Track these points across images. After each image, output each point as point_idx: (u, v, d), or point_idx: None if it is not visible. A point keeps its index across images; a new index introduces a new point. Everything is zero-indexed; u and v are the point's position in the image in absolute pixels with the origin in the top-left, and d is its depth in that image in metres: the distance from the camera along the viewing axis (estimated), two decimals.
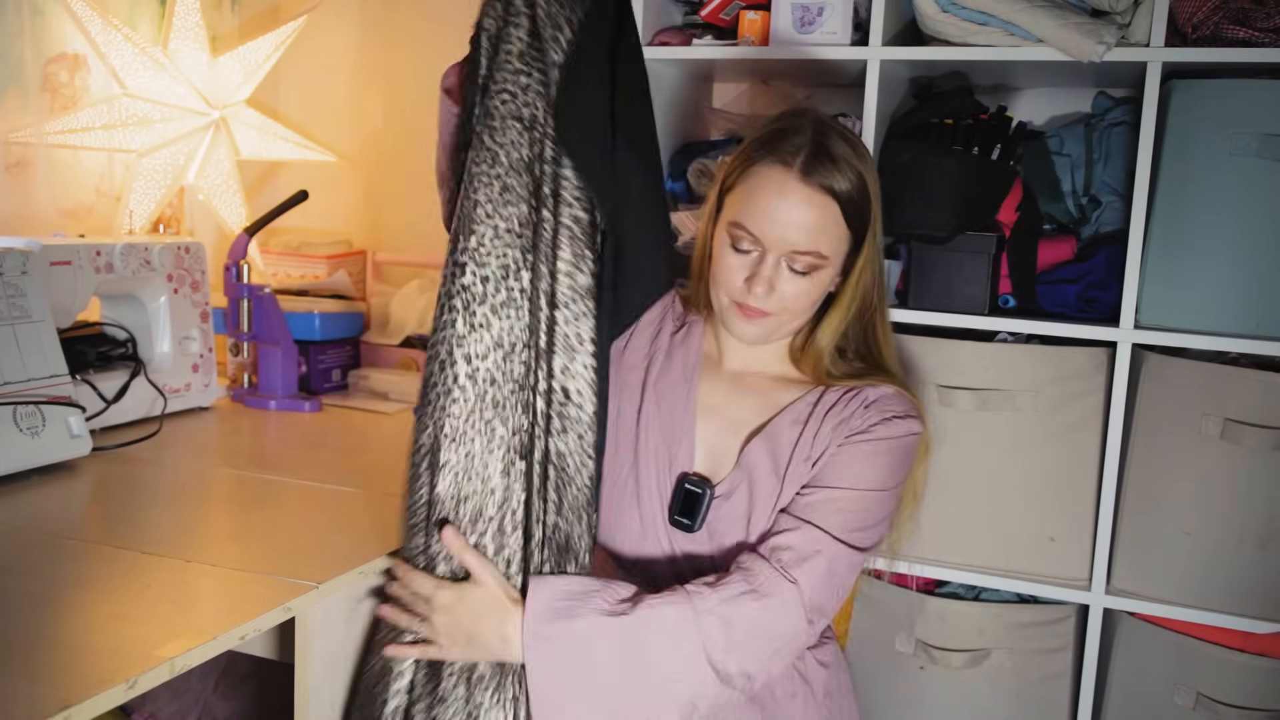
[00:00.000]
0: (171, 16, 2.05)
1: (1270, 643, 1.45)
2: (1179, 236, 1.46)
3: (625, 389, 1.24)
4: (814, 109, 1.20)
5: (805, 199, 1.12)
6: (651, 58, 1.71)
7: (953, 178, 1.53)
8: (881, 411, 1.17)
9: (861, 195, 1.15)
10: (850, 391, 1.19)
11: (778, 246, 1.13)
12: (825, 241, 1.14)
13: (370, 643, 1.14)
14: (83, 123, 1.91)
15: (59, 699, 0.79)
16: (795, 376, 1.24)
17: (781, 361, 1.25)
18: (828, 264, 1.15)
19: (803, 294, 1.16)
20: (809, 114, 1.18)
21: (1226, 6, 1.41)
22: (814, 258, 1.13)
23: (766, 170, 1.14)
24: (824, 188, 1.12)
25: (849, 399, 1.19)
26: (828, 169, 1.12)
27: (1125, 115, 1.64)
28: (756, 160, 1.15)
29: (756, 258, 1.15)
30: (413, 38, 2.27)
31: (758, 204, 1.13)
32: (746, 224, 1.14)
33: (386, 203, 2.34)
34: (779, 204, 1.12)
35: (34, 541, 1.14)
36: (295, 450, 1.61)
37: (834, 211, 1.13)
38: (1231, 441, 1.42)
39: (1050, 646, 1.56)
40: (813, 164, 1.12)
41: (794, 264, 1.14)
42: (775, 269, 1.14)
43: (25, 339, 1.39)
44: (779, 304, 1.15)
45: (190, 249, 1.77)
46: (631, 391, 1.23)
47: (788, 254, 1.13)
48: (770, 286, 1.14)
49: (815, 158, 1.12)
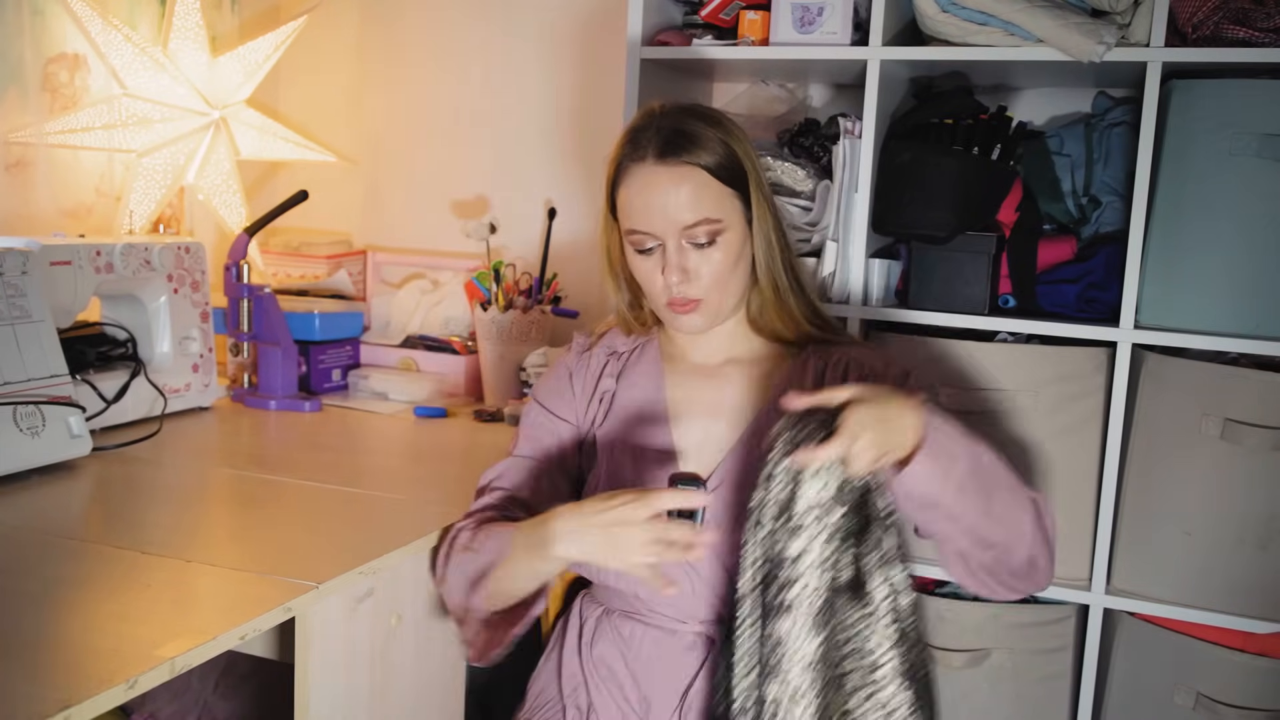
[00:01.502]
0: (171, 16, 2.05)
1: (1270, 643, 1.44)
2: (1179, 236, 1.46)
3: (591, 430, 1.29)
4: (662, 101, 1.26)
5: (671, 178, 1.17)
6: (651, 58, 1.71)
7: (953, 178, 1.53)
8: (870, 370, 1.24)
9: (726, 154, 1.19)
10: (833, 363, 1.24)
11: (670, 231, 1.18)
12: (707, 204, 1.18)
13: None
14: (83, 123, 1.91)
15: (59, 699, 0.79)
16: (770, 350, 1.28)
17: (749, 339, 1.28)
18: (724, 225, 1.19)
19: (718, 265, 1.19)
20: (654, 108, 1.24)
21: (1226, 6, 1.41)
22: (706, 224, 1.18)
23: (630, 170, 1.20)
24: (684, 163, 1.17)
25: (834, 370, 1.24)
26: (680, 146, 1.18)
27: (1125, 115, 1.64)
28: (620, 168, 1.21)
29: (660, 251, 1.19)
30: (413, 37, 2.27)
31: (636, 203, 1.19)
32: (636, 225, 1.19)
33: (386, 203, 2.34)
34: (651, 194, 1.18)
35: (34, 541, 1.14)
36: (295, 450, 1.61)
37: (702, 177, 1.18)
38: (1231, 441, 1.42)
39: (1050, 646, 1.56)
40: (665, 148, 1.18)
41: (694, 239, 1.18)
42: (680, 253, 1.18)
43: (25, 339, 1.39)
44: (702, 285, 1.19)
45: (190, 249, 1.77)
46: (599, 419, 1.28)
47: (681, 233, 1.18)
48: (683, 272, 1.18)
49: (666, 143, 1.18)
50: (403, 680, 1.21)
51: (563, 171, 2.15)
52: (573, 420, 1.30)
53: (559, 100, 2.15)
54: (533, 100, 2.18)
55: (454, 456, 1.65)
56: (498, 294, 1.90)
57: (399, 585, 1.18)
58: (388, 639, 1.17)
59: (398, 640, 1.19)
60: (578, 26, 2.12)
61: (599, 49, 2.10)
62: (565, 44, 2.13)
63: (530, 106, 2.18)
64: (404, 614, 1.19)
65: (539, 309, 1.90)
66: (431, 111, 2.27)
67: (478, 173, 2.24)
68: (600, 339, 1.34)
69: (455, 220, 2.23)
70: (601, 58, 2.10)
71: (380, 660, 1.16)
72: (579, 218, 2.12)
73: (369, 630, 1.14)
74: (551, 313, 1.93)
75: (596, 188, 2.10)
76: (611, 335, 1.34)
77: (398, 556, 1.16)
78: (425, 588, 1.24)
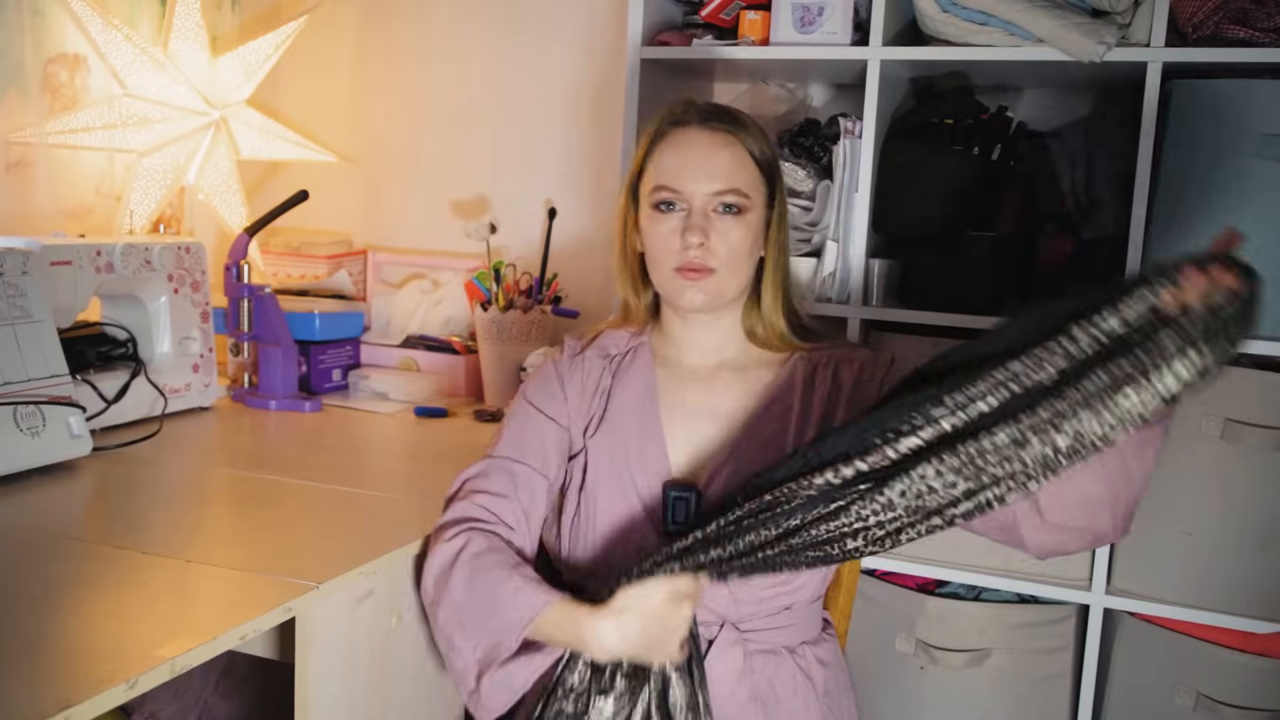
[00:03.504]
0: (171, 16, 2.05)
1: (1270, 643, 1.44)
2: (1179, 237, 1.46)
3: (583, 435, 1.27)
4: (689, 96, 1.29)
5: (712, 141, 1.20)
6: (652, 58, 1.71)
7: (953, 178, 1.53)
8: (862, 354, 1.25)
9: (764, 148, 1.23)
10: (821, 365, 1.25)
11: (701, 191, 1.19)
12: (742, 177, 1.20)
13: None
14: (83, 123, 1.91)
15: (59, 699, 0.79)
16: (761, 357, 1.28)
17: (742, 345, 1.28)
18: (751, 205, 1.20)
19: (736, 240, 1.20)
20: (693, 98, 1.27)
21: (1226, 6, 1.41)
22: (736, 195, 1.19)
23: (670, 134, 1.22)
24: (726, 130, 1.20)
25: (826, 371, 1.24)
26: (725, 116, 1.22)
27: (1125, 115, 1.64)
28: (656, 140, 1.23)
29: (684, 213, 1.20)
30: (413, 37, 2.27)
31: (672, 162, 1.20)
32: (667, 182, 1.20)
33: (387, 203, 2.34)
34: (690, 152, 1.20)
35: (34, 541, 1.14)
36: (295, 450, 1.61)
37: (741, 151, 1.20)
38: (1231, 441, 1.42)
39: (1050, 646, 1.56)
40: (710, 115, 1.21)
41: (723, 203, 1.19)
42: (705, 217, 1.19)
43: (25, 339, 1.39)
44: (718, 257, 1.19)
45: (190, 249, 1.77)
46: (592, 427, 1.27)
47: (712, 196, 1.19)
48: (704, 233, 1.19)
49: (712, 111, 1.22)
50: (403, 680, 1.21)
51: (563, 171, 2.15)
52: (563, 422, 1.27)
53: (559, 100, 2.15)
54: (533, 100, 2.18)
55: (454, 457, 1.65)
56: (498, 294, 1.90)
57: (399, 585, 1.18)
58: (388, 639, 1.17)
59: (398, 640, 1.19)
60: (578, 26, 2.12)
61: (599, 49, 2.10)
62: (565, 44, 2.13)
63: (530, 106, 2.18)
64: (404, 614, 1.19)
65: (539, 309, 1.90)
66: (431, 111, 2.27)
67: (478, 173, 2.24)
68: (591, 342, 1.32)
69: (455, 220, 2.23)
70: (601, 58, 2.10)
71: (380, 660, 1.16)
72: (579, 218, 2.12)
73: (369, 630, 1.14)
74: (551, 313, 1.93)
75: (597, 188, 2.11)
76: (604, 338, 1.32)
77: (398, 556, 1.16)
78: None
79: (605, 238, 2.10)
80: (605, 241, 2.09)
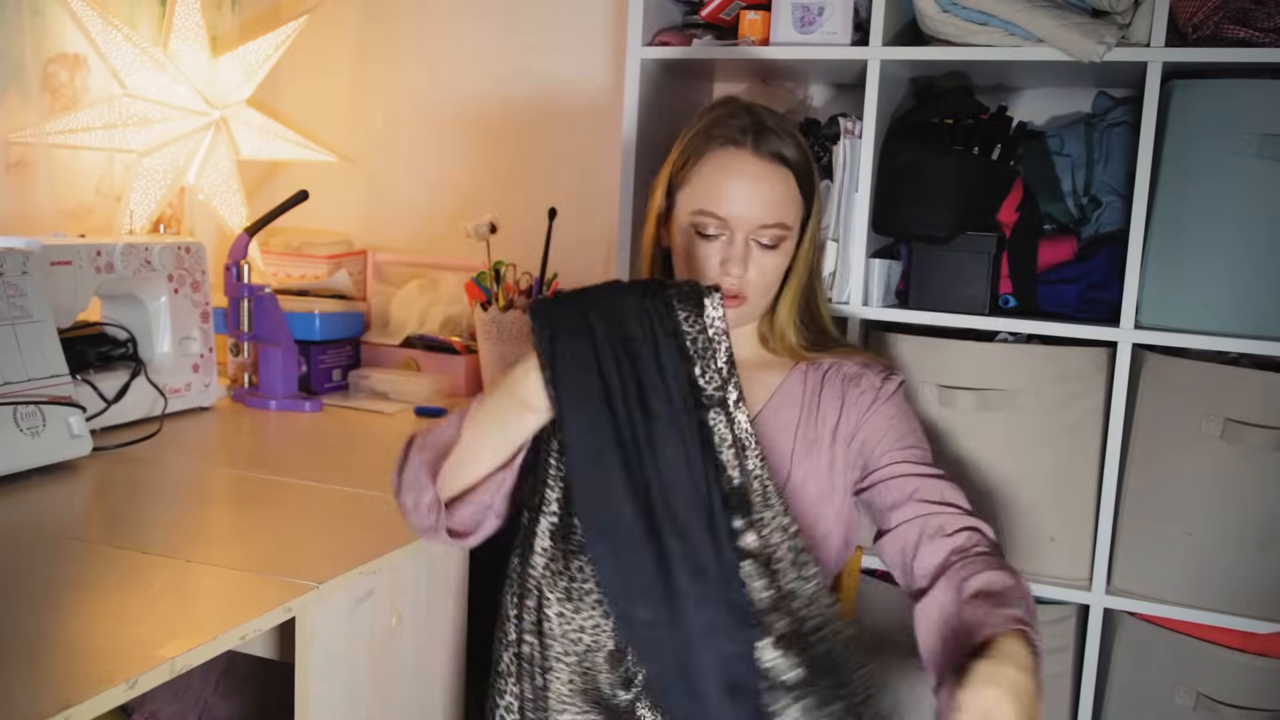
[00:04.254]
0: (171, 16, 2.05)
1: (1270, 643, 1.44)
2: (1179, 237, 1.46)
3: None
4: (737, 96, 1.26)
5: (763, 172, 1.17)
6: (651, 58, 1.71)
7: (953, 178, 1.53)
8: (870, 378, 1.24)
9: (806, 160, 1.20)
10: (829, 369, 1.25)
11: (745, 224, 1.17)
12: (788, 211, 1.18)
13: None
14: (83, 123, 1.91)
15: (59, 699, 0.79)
16: (770, 359, 1.28)
17: (754, 346, 1.28)
18: (790, 234, 1.19)
19: (770, 270, 1.19)
20: (738, 99, 1.24)
21: (1226, 6, 1.41)
22: (779, 229, 1.18)
23: (719, 154, 1.18)
24: (777, 157, 1.17)
25: (832, 378, 1.24)
26: (775, 139, 1.17)
27: (1125, 115, 1.64)
28: (705, 149, 1.19)
29: (725, 241, 1.18)
30: (413, 37, 2.27)
31: (719, 187, 1.17)
32: (711, 209, 1.17)
33: (387, 203, 2.34)
34: (739, 182, 1.16)
35: (34, 541, 1.14)
36: (295, 450, 1.61)
37: (790, 181, 1.18)
38: (1231, 441, 1.42)
39: (1050, 646, 1.56)
40: (761, 138, 1.17)
41: (762, 238, 1.17)
42: (746, 247, 1.18)
43: (26, 339, 1.39)
44: (752, 284, 1.19)
45: (190, 249, 1.77)
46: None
47: (755, 229, 1.17)
48: (744, 265, 1.17)
49: (762, 133, 1.17)
50: (403, 680, 1.21)
51: (563, 171, 2.15)
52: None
53: (559, 100, 2.15)
54: (533, 100, 2.18)
55: None
56: (498, 294, 1.90)
57: (399, 585, 1.18)
58: (388, 639, 1.17)
59: (398, 640, 1.19)
60: (578, 26, 2.12)
61: (599, 49, 2.10)
62: (565, 44, 2.13)
63: (530, 106, 2.18)
64: (404, 614, 1.19)
65: None
66: (431, 111, 2.27)
67: (478, 172, 2.24)
68: None
69: (455, 220, 2.23)
70: (601, 57, 2.10)
71: (380, 660, 1.16)
72: (579, 218, 2.12)
73: (369, 630, 1.14)
74: None
75: (597, 187, 2.11)
76: None
77: (398, 556, 1.16)
78: (425, 587, 1.24)
79: (605, 238, 2.10)
80: (605, 242, 2.10)
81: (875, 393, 1.23)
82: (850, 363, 1.26)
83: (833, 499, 1.21)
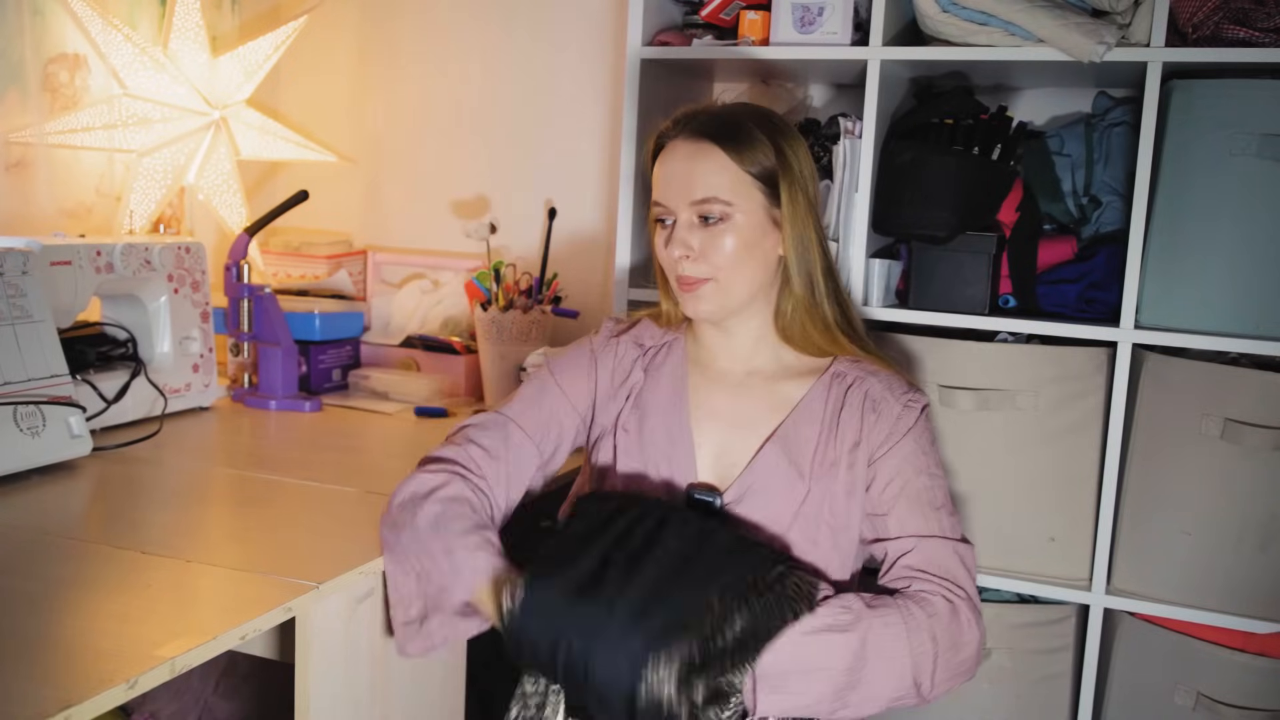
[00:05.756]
0: (171, 16, 2.05)
1: (1270, 643, 1.44)
2: (1179, 237, 1.46)
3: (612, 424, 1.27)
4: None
5: (687, 151, 1.20)
6: (651, 58, 1.71)
7: (953, 178, 1.53)
8: (891, 405, 1.21)
9: (758, 145, 1.19)
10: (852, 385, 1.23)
11: (680, 203, 1.19)
12: (719, 184, 1.18)
13: None
14: (83, 123, 1.91)
15: (59, 699, 0.79)
16: (795, 365, 1.26)
17: (774, 353, 1.27)
18: (735, 209, 1.19)
19: (723, 246, 1.19)
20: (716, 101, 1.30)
21: (1226, 6, 1.41)
22: (714, 203, 1.18)
23: (663, 150, 1.24)
24: (699, 135, 1.19)
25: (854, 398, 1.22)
26: (702, 121, 1.20)
27: (1125, 115, 1.64)
28: (656, 152, 1.25)
29: (672, 225, 1.21)
30: (413, 37, 2.27)
31: (660, 178, 1.22)
32: (656, 198, 1.22)
33: (386, 203, 2.34)
34: (671, 167, 1.21)
35: (34, 541, 1.14)
36: (295, 450, 1.61)
37: (720, 158, 1.19)
38: (1231, 441, 1.42)
39: (1050, 646, 1.56)
40: (688, 123, 1.21)
41: (701, 214, 1.18)
42: (688, 228, 1.19)
43: (25, 339, 1.39)
44: (709, 266, 1.19)
45: (190, 249, 1.77)
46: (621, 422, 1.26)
47: (691, 207, 1.19)
48: (686, 246, 1.19)
49: (692, 119, 1.21)
50: (403, 680, 1.21)
51: (563, 171, 2.15)
52: (580, 407, 1.28)
53: (559, 100, 2.15)
54: (533, 100, 2.18)
55: None
56: (498, 294, 1.90)
57: None
58: (388, 639, 1.17)
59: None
60: (577, 26, 2.12)
61: (599, 49, 2.10)
62: (565, 44, 2.13)
63: (530, 106, 2.18)
64: None
65: (539, 309, 1.90)
66: (431, 111, 2.27)
67: (478, 173, 2.24)
68: (630, 329, 1.32)
69: (455, 220, 2.23)
70: (601, 57, 2.10)
71: (380, 660, 1.16)
72: (579, 218, 2.12)
73: (369, 630, 1.14)
74: (551, 313, 1.93)
75: (597, 188, 2.11)
76: (641, 327, 1.33)
77: None
78: None
79: (605, 238, 2.10)
80: (605, 241, 2.10)
81: (892, 424, 1.21)
82: (875, 381, 1.24)
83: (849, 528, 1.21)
